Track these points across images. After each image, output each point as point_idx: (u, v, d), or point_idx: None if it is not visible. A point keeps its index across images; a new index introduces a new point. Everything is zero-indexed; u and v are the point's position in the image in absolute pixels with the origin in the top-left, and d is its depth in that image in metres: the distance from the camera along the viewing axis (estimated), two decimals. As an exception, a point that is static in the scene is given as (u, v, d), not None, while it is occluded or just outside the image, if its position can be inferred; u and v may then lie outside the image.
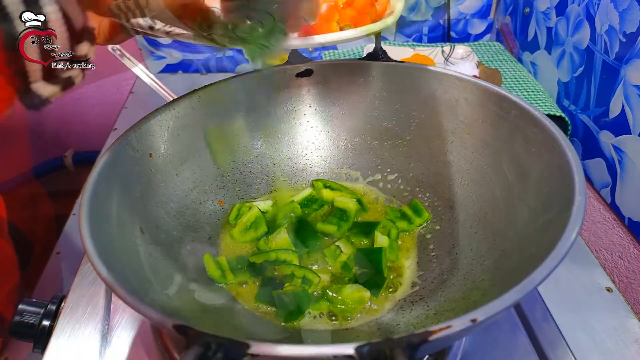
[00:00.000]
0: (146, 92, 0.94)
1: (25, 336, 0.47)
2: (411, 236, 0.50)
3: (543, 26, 0.86)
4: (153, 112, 0.48)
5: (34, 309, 0.48)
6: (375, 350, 0.25)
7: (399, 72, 0.53)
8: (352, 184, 0.56)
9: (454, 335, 0.26)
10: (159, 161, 0.48)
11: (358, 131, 0.56)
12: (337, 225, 0.50)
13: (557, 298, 0.57)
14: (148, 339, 0.46)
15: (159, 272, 0.42)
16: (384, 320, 0.42)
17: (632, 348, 0.52)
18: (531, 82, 0.86)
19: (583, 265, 0.62)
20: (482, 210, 0.45)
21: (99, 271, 0.32)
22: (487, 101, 0.46)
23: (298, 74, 0.55)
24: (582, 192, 0.33)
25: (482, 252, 0.42)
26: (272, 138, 0.56)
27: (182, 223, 0.48)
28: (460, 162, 0.49)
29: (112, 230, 0.39)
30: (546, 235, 0.34)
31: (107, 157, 0.42)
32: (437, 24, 1.07)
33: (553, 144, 0.38)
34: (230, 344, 0.26)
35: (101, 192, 0.39)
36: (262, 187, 0.55)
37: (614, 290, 0.58)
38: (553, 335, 0.47)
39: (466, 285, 0.41)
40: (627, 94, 0.63)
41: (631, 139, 0.63)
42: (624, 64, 0.64)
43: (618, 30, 0.65)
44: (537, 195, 0.39)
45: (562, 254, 0.29)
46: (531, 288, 0.28)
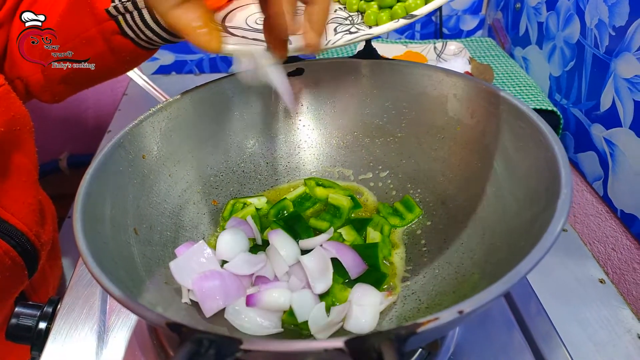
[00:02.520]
0: (140, 94, 0.94)
1: (22, 339, 0.47)
2: (403, 232, 0.50)
3: (534, 21, 0.87)
4: (145, 114, 0.48)
5: (31, 311, 0.48)
6: (365, 343, 0.25)
7: (388, 69, 0.53)
8: (345, 181, 0.56)
9: (443, 327, 0.27)
10: (152, 162, 0.48)
11: (350, 129, 0.56)
12: (330, 221, 0.50)
13: (551, 290, 0.57)
14: (144, 338, 0.46)
15: (153, 272, 0.42)
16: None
17: (624, 338, 0.52)
18: (523, 77, 0.86)
19: (576, 257, 0.63)
20: (472, 205, 0.46)
21: (93, 272, 0.32)
22: (476, 97, 0.47)
23: (289, 73, 0.55)
24: (568, 185, 0.33)
25: (473, 246, 0.43)
26: (264, 137, 0.56)
27: (175, 223, 0.48)
28: (450, 158, 0.50)
29: (106, 232, 0.39)
30: (534, 227, 0.34)
31: (100, 159, 0.42)
32: (429, 20, 1.08)
33: (540, 138, 0.38)
34: (222, 341, 0.26)
35: (94, 194, 0.40)
36: (255, 187, 0.56)
37: (607, 282, 0.59)
38: (546, 328, 0.47)
39: (457, 279, 0.41)
40: (617, 87, 0.64)
41: (622, 132, 0.63)
42: (613, 57, 0.65)
43: (608, 24, 0.66)
44: (525, 189, 0.39)
45: (547, 246, 0.30)
46: (517, 280, 0.28)
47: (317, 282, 0.42)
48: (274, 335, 0.40)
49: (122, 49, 0.50)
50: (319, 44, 0.38)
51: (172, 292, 0.42)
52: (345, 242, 0.48)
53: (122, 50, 0.51)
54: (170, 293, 0.42)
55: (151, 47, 0.52)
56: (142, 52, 0.52)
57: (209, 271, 0.42)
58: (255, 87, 0.55)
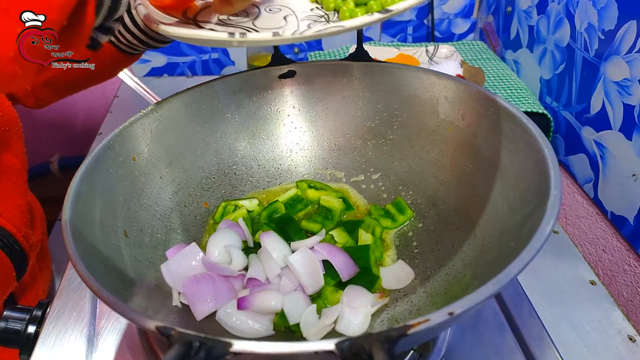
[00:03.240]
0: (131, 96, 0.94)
1: (11, 343, 0.46)
2: (394, 233, 0.50)
3: (525, 25, 0.87)
4: (136, 116, 0.48)
5: (20, 315, 0.47)
6: (355, 345, 0.25)
7: (380, 71, 0.53)
8: (337, 183, 0.56)
9: (434, 329, 0.27)
10: (142, 164, 0.48)
11: (342, 131, 0.56)
12: (322, 223, 0.50)
13: (542, 292, 0.57)
14: (134, 342, 0.46)
15: (144, 275, 0.42)
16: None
17: (615, 339, 0.53)
18: (514, 80, 0.87)
19: (567, 259, 0.63)
20: (463, 206, 0.46)
21: (83, 275, 0.32)
22: (467, 99, 0.47)
23: (281, 75, 0.55)
24: (557, 186, 0.34)
25: (464, 248, 0.43)
26: (256, 139, 0.56)
27: (166, 225, 0.48)
28: (442, 160, 0.50)
29: (95, 234, 0.39)
30: (524, 229, 0.34)
31: (90, 161, 0.42)
32: (421, 23, 1.08)
33: (530, 140, 0.38)
34: (212, 343, 0.26)
35: (84, 196, 0.39)
36: (247, 189, 0.56)
37: (598, 284, 0.59)
38: (537, 330, 0.48)
39: (448, 281, 0.41)
40: (607, 90, 0.64)
41: (612, 134, 0.64)
42: (603, 60, 0.65)
43: (597, 28, 0.66)
44: (516, 191, 0.39)
45: (538, 247, 0.30)
46: (508, 280, 0.28)
47: (307, 281, 0.42)
48: (266, 338, 0.40)
49: (103, 52, 0.50)
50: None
51: (162, 295, 0.42)
52: (337, 244, 0.48)
53: (102, 54, 0.50)
54: (161, 296, 0.41)
55: (133, 51, 0.51)
56: (123, 56, 0.51)
57: (200, 274, 0.42)
58: (247, 90, 0.55)
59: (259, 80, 0.55)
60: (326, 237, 0.48)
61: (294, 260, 0.43)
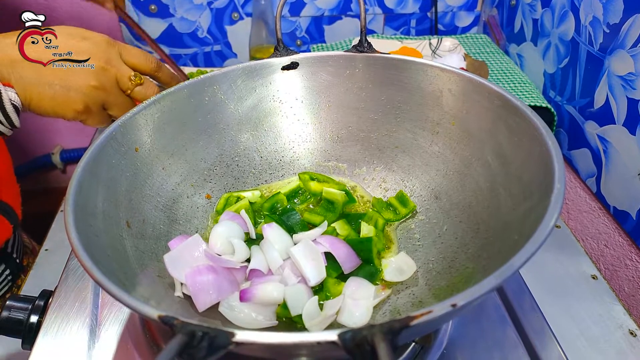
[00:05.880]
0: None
1: (13, 332, 0.47)
2: (397, 226, 0.50)
3: (529, 18, 0.87)
4: (138, 107, 0.48)
5: (22, 304, 0.48)
6: (358, 336, 0.25)
7: (384, 64, 0.53)
8: (339, 176, 0.56)
9: (436, 320, 0.27)
10: (145, 155, 0.48)
11: (344, 123, 0.56)
12: (324, 216, 0.50)
13: (544, 286, 0.58)
14: (137, 332, 0.46)
15: (146, 266, 0.42)
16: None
17: (616, 334, 0.53)
18: (517, 74, 0.86)
19: (569, 254, 0.63)
20: (466, 199, 0.46)
21: (85, 265, 0.32)
22: (471, 92, 0.47)
23: (284, 67, 0.55)
24: (561, 179, 0.33)
25: (467, 241, 0.43)
26: (258, 131, 0.56)
27: (169, 217, 0.48)
28: (445, 153, 0.50)
29: (98, 225, 0.39)
30: (527, 222, 0.34)
31: (92, 152, 0.42)
32: (424, 16, 1.08)
33: (534, 133, 0.38)
34: (215, 333, 0.26)
35: (86, 187, 0.39)
36: (249, 181, 0.55)
37: (599, 278, 0.59)
38: (539, 324, 0.48)
39: (451, 273, 0.41)
40: (611, 85, 0.64)
41: (615, 129, 0.64)
42: (607, 54, 0.65)
43: (602, 21, 0.66)
44: (519, 184, 0.39)
45: (541, 240, 0.30)
46: (510, 273, 0.28)
47: (310, 273, 0.42)
48: (268, 329, 0.40)
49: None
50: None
51: (165, 285, 0.42)
52: (339, 236, 0.47)
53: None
54: (163, 286, 0.41)
55: None
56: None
57: (202, 265, 0.42)
58: (250, 81, 0.55)
59: (262, 72, 0.55)
60: (328, 229, 0.48)
61: (296, 252, 0.43)
